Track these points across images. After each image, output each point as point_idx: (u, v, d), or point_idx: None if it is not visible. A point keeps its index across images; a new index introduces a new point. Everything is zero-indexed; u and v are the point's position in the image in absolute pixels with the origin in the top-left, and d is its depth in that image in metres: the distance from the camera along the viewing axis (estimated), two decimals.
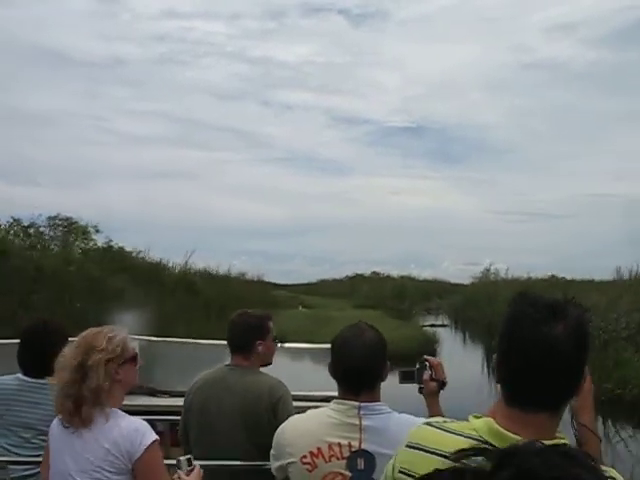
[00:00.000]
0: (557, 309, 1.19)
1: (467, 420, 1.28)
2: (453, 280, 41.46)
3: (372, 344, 1.95)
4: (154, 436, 1.96)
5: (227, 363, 2.73)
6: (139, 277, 17.49)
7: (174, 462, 3.23)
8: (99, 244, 20.02)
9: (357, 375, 1.91)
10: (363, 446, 1.82)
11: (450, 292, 35.95)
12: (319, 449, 1.85)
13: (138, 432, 1.94)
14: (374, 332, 1.99)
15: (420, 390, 2.33)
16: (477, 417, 1.27)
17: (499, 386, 1.27)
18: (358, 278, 42.97)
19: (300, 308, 30.28)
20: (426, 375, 2.30)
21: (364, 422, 1.85)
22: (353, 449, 1.83)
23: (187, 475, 2.12)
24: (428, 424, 1.31)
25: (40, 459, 2.65)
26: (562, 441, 1.18)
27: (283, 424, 2.01)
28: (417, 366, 2.33)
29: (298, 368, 3.25)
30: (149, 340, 3.37)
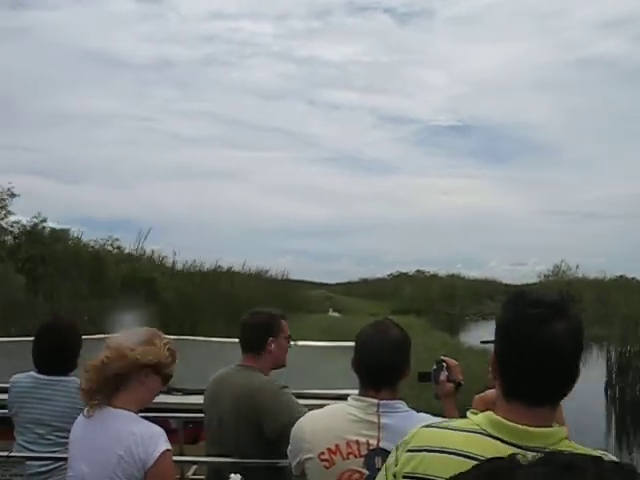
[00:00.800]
0: (559, 308, 1.23)
1: (466, 417, 1.30)
2: (503, 280, 38.28)
3: (396, 342, 1.94)
4: (167, 445, 1.95)
5: (238, 363, 2.69)
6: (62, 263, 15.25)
7: (187, 459, 3.25)
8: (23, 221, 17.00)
9: (379, 372, 1.90)
10: (381, 444, 1.80)
11: (502, 293, 31.85)
12: (337, 446, 1.84)
13: (152, 440, 1.93)
14: (398, 330, 1.99)
15: (436, 396, 2.33)
16: (475, 413, 1.30)
17: (497, 382, 1.30)
18: (402, 277, 40.25)
19: (330, 312, 28.53)
20: (443, 376, 2.29)
21: (383, 420, 1.83)
22: (371, 447, 1.82)
23: None
24: (427, 426, 1.32)
25: (56, 455, 2.68)
26: (563, 432, 1.23)
27: (301, 419, 1.99)
28: (434, 367, 2.33)
29: (313, 366, 3.24)
30: (174, 339, 3.38)
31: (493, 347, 1.34)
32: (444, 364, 2.32)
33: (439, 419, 1.52)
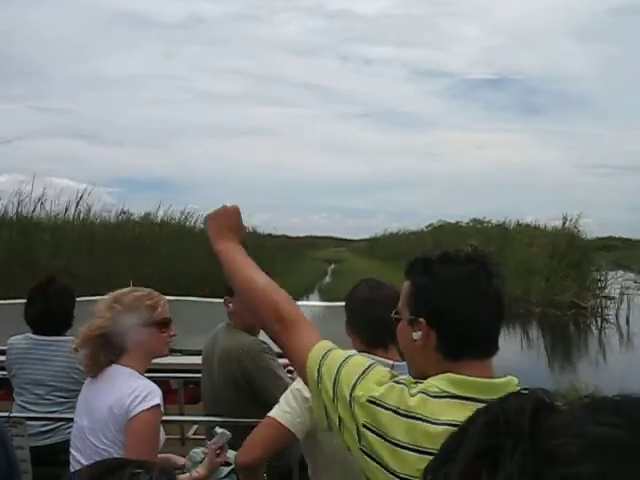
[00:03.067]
0: (492, 264, 1.30)
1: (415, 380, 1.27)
2: None
3: (395, 297, 1.91)
4: (157, 401, 1.93)
5: (228, 322, 2.69)
6: None
7: (187, 418, 3.27)
8: None
9: (383, 328, 1.80)
10: None
11: None
12: None
13: (143, 394, 1.91)
14: (390, 285, 1.95)
15: None
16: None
17: (431, 347, 1.27)
18: (446, 227, 28.46)
19: (326, 279, 25.44)
20: None
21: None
22: None
23: (215, 452, 2.12)
24: (396, 383, 1.25)
25: (55, 415, 2.69)
26: (515, 380, 1.25)
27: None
28: None
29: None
30: (174, 300, 3.36)
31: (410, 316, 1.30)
32: None
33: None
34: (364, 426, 1.20)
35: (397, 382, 1.24)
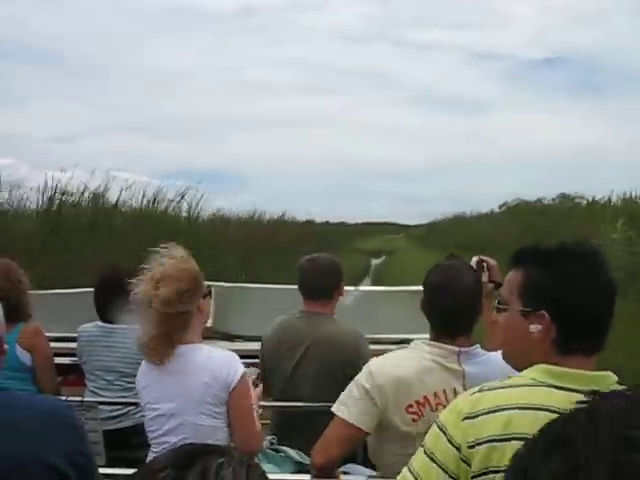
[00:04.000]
0: (603, 257, 1.31)
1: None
2: None
3: (470, 288, 1.87)
4: (243, 368, 2.01)
5: (303, 310, 2.65)
6: None
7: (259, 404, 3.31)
8: None
9: (454, 321, 1.84)
10: None
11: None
12: (425, 397, 1.78)
13: (231, 362, 1.99)
14: (470, 273, 1.93)
15: None
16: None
17: (547, 340, 1.27)
18: (523, 206, 22.33)
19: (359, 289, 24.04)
20: (484, 277, 2.18)
21: (466, 368, 1.79)
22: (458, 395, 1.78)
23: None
24: (480, 391, 1.26)
25: (125, 400, 2.77)
26: (614, 376, 1.23)
27: (378, 370, 1.84)
28: (474, 268, 2.19)
29: (374, 310, 3.23)
30: (223, 286, 3.42)
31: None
32: (485, 264, 2.22)
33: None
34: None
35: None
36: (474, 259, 2.25)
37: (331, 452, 1.80)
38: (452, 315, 1.84)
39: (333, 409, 1.83)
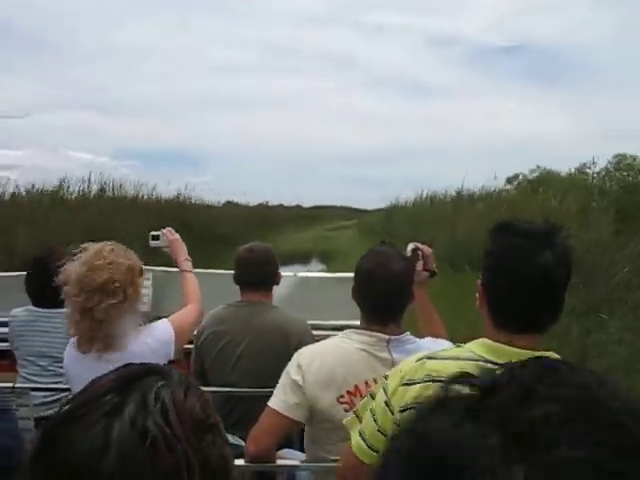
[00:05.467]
0: (546, 238, 1.26)
1: (449, 346, 1.37)
2: None
3: (400, 273, 1.87)
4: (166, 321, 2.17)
5: (242, 299, 2.66)
6: None
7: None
8: None
9: (384, 308, 1.85)
10: None
11: None
12: (356, 387, 1.80)
13: (167, 338, 2.12)
14: (401, 260, 1.92)
15: None
16: (458, 345, 1.36)
17: (485, 312, 1.34)
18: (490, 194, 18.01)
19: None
20: (419, 265, 2.22)
21: (395, 356, 1.80)
22: None
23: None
24: (421, 359, 1.33)
25: (58, 386, 2.72)
26: (554, 355, 1.24)
27: (309, 361, 1.84)
28: (409, 255, 2.22)
29: (311, 297, 3.26)
30: (162, 271, 3.38)
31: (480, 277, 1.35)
32: (420, 252, 2.24)
33: (438, 347, 1.52)
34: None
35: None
36: (410, 247, 2.27)
37: (264, 441, 1.82)
38: (382, 301, 1.85)
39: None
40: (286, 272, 2.98)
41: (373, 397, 1.42)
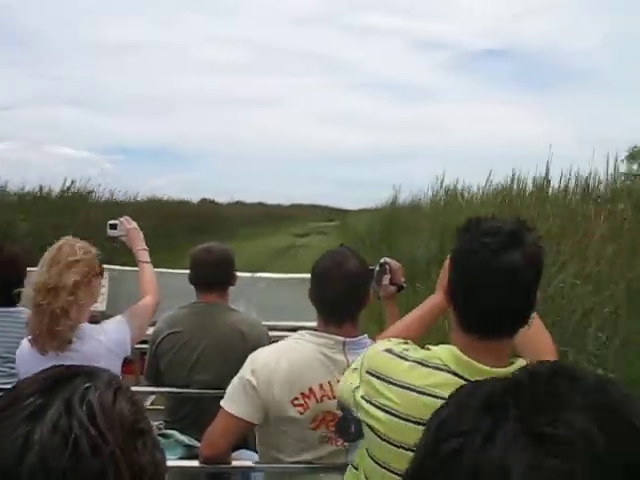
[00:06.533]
0: (515, 237, 1.21)
1: (415, 346, 1.32)
2: None
3: (355, 274, 1.86)
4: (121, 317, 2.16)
5: (199, 300, 2.63)
6: None
7: (144, 389, 3.26)
8: None
9: (339, 308, 1.84)
10: None
11: None
12: (311, 389, 1.78)
13: (123, 335, 2.11)
14: (356, 260, 1.90)
15: (378, 297, 2.30)
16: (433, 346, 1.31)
17: (452, 311, 1.30)
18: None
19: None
20: (385, 280, 2.21)
21: (350, 358, 1.78)
22: None
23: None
24: (388, 351, 1.31)
25: (9, 387, 2.66)
26: (522, 363, 1.23)
27: (264, 362, 1.83)
28: (377, 268, 2.22)
29: (271, 298, 3.25)
30: (118, 269, 3.33)
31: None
32: (387, 266, 2.23)
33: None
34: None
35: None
36: (380, 261, 2.30)
37: (218, 444, 1.80)
38: (337, 301, 1.84)
39: (221, 401, 1.83)
40: (242, 273, 2.96)
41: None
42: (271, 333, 2.68)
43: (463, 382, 1.17)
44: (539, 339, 1.44)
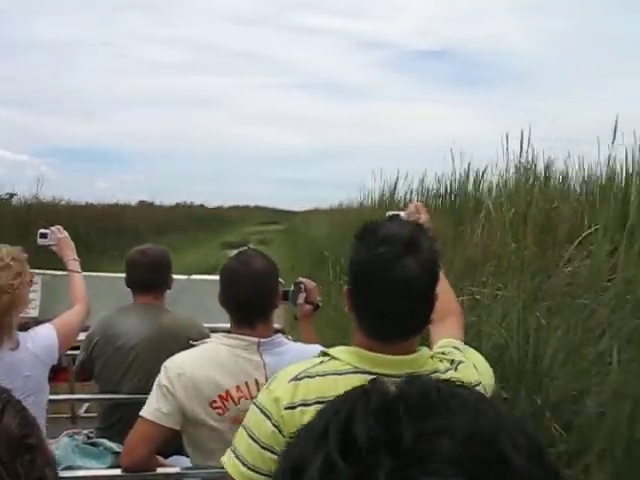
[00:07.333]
0: (410, 244, 1.22)
1: (319, 357, 1.31)
2: None
3: (262, 273, 1.86)
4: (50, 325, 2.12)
5: (134, 303, 2.60)
6: None
7: (79, 396, 3.19)
8: None
9: (249, 308, 1.84)
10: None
11: None
12: (228, 392, 1.79)
13: (51, 342, 2.07)
14: (263, 259, 1.91)
15: (294, 317, 2.32)
16: (327, 354, 1.31)
17: (353, 317, 1.31)
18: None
19: None
20: (301, 298, 2.24)
21: (266, 358, 1.81)
22: (260, 387, 1.80)
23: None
24: (297, 379, 1.27)
25: None
26: (427, 352, 1.29)
27: (180, 365, 1.82)
28: (292, 288, 2.26)
29: (201, 300, 3.22)
30: (51, 274, 3.24)
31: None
32: (302, 286, 2.26)
33: (307, 352, 1.53)
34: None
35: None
36: (296, 280, 2.31)
37: (137, 452, 1.77)
38: (247, 301, 1.83)
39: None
40: (178, 275, 2.93)
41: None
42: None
43: (368, 376, 1.20)
44: (444, 298, 1.48)
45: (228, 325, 3.06)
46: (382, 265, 1.20)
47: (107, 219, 17.94)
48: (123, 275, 2.64)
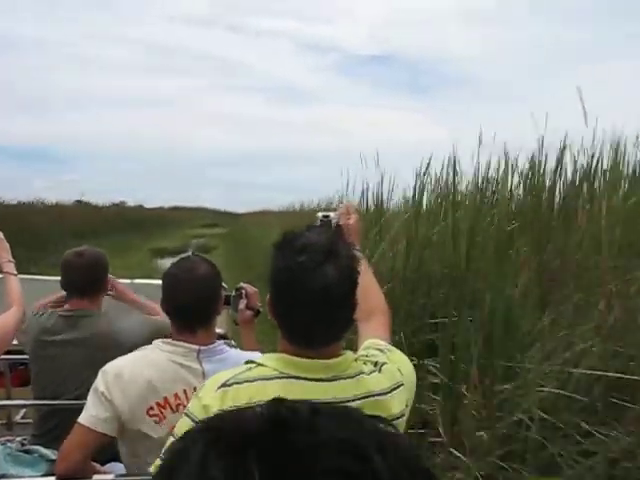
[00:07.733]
0: (329, 252, 1.24)
1: (247, 365, 1.33)
2: None
3: (204, 279, 1.85)
4: None
5: (68, 307, 2.53)
6: None
7: (16, 402, 3.10)
8: None
9: (191, 315, 1.82)
10: None
11: None
12: (165, 399, 1.77)
13: None
14: (206, 265, 1.89)
15: (235, 323, 2.31)
16: (256, 362, 1.33)
17: (277, 323, 1.33)
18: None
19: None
20: (242, 304, 2.23)
21: (205, 366, 1.79)
22: None
23: None
24: (226, 386, 1.28)
25: None
26: (351, 355, 1.32)
27: (115, 372, 1.79)
28: (233, 294, 2.24)
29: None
30: None
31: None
32: (243, 291, 2.25)
33: (250, 357, 1.54)
34: None
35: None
36: (237, 286, 2.28)
37: (72, 458, 1.74)
38: (189, 307, 1.82)
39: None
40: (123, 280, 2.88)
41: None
42: None
43: (302, 381, 1.24)
44: (369, 293, 1.51)
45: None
46: (302, 273, 1.22)
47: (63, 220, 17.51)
48: (58, 278, 2.58)
